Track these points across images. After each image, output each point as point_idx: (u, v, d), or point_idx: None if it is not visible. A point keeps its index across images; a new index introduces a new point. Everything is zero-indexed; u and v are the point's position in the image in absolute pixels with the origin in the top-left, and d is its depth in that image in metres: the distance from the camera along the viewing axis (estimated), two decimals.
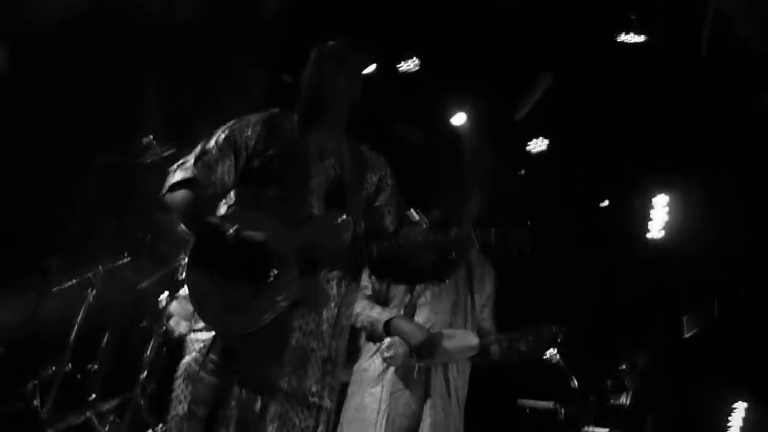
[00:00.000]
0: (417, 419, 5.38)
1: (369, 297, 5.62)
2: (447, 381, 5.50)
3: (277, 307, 3.92)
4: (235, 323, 3.89)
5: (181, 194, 4.05)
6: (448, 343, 5.42)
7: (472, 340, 5.56)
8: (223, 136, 4.15)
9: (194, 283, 3.98)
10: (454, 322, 5.58)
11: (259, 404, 3.86)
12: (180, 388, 3.97)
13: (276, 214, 4.04)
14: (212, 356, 3.90)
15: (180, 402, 3.93)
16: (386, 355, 5.46)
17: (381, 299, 5.63)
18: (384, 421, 5.33)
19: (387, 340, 5.46)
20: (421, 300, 5.57)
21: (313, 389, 3.99)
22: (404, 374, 5.43)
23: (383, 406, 5.35)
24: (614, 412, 8.26)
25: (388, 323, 5.41)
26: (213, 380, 3.87)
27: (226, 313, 3.88)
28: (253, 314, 3.88)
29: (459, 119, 9.94)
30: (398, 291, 5.62)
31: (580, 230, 9.74)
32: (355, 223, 4.15)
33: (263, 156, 4.14)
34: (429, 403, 5.41)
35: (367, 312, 5.51)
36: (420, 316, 5.51)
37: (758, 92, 8.63)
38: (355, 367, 5.66)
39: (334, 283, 4.09)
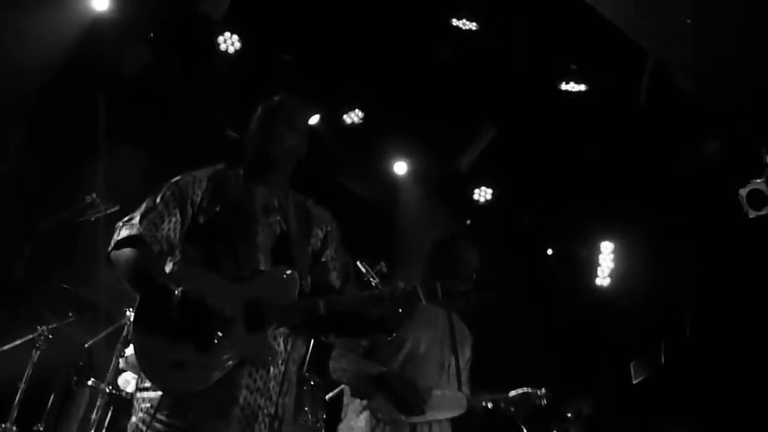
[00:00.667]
0: None
1: (357, 352, 5.57)
2: None
3: (225, 365, 3.89)
4: (182, 382, 3.84)
5: (126, 252, 4.01)
6: (437, 402, 5.40)
7: (461, 399, 5.56)
8: (168, 192, 4.13)
9: (140, 341, 3.94)
10: (438, 382, 5.56)
11: None
12: None
13: (222, 271, 4.02)
14: (159, 416, 3.85)
15: None
16: (373, 407, 5.40)
17: (365, 356, 5.59)
18: None
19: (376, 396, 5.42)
20: (407, 359, 5.53)
21: None
22: (392, 429, 5.38)
23: None
24: None
25: (379, 376, 5.37)
26: None
27: (172, 372, 3.84)
28: (199, 373, 3.84)
29: (400, 168, 10.00)
30: (385, 349, 5.57)
31: (527, 279, 9.80)
32: (302, 279, 4.14)
33: (209, 212, 4.13)
34: None
35: (354, 366, 5.45)
36: (405, 373, 5.47)
37: (697, 140, 8.76)
38: (341, 426, 5.60)
39: (281, 339, 4.07)
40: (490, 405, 5.61)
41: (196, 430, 3.83)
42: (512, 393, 5.66)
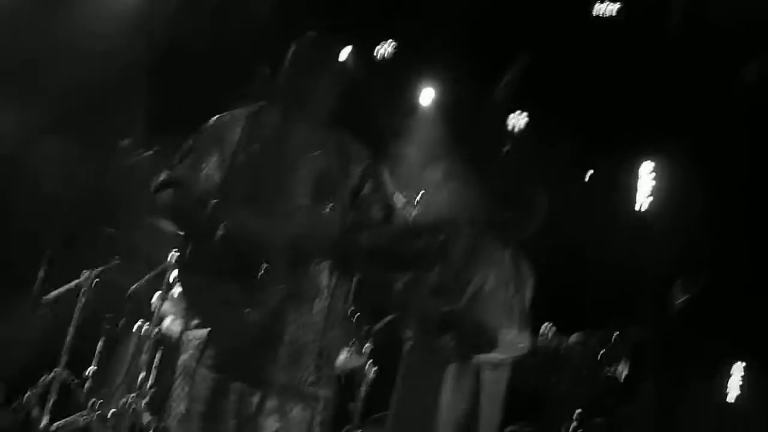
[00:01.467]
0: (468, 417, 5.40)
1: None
2: (491, 378, 5.50)
3: (269, 301, 3.93)
4: (228, 319, 3.90)
5: (167, 194, 4.04)
6: (502, 343, 5.40)
7: (525, 341, 5.56)
8: (207, 133, 4.15)
9: (186, 281, 3.99)
10: (504, 322, 5.55)
11: (256, 398, 3.87)
12: (179, 387, 3.96)
13: (263, 209, 4.05)
14: (208, 353, 3.90)
15: (180, 401, 3.93)
16: (440, 346, 5.42)
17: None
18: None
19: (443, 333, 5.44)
20: (474, 298, 5.52)
21: (309, 380, 3.99)
22: (458, 369, 5.40)
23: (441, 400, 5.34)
24: (609, 384, 8.30)
25: (445, 316, 5.38)
26: (210, 377, 3.87)
27: (218, 310, 3.88)
28: (245, 309, 3.89)
29: (427, 97, 9.99)
30: (451, 289, 5.56)
31: (567, 203, 9.77)
32: (343, 214, 4.14)
33: (248, 150, 4.14)
34: (476, 398, 5.41)
35: (420, 304, 5.46)
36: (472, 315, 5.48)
37: (751, 56, 8.67)
38: (406, 359, 5.61)
39: (324, 275, 4.09)
40: (553, 345, 5.59)
41: (245, 366, 3.87)
42: (574, 336, 5.61)
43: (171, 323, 7.81)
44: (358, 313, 7.23)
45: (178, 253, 4.09)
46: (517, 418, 8.40)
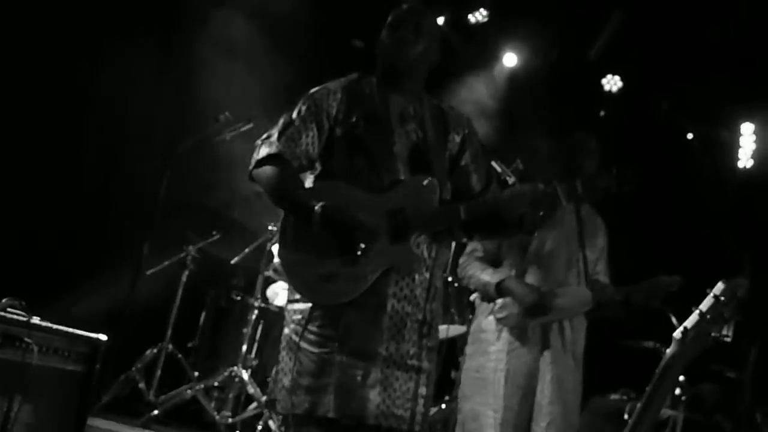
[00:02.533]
0: (535, 376, 5.38)
1: (481, 258, 5.61)
2: (563, 337, 5.46)
3: (372, 275, 3.92)
4: (331, 293, 3.90)
5: (267, 170, 4.03)
6: (561, 301, 5.37)
7: (586, 296, 5.52)
8: (304, 107, 4.11)
9: (286, 257, 4.01)
10: (566, 279, 5.52)
11: (360, 371, 3.89)
12: (284, 361, 4.00)
13: (361, 182, 4.02)
14: (311, 327, 3.92)
15: (284, 374, 3.96)
16: (499, 316, 5.44)
17: (492, 259, 5.61)
18: (503, 379, 5.32)
19: (499, 301, 5.44)
20: (533, 259, 5.53)
21: (411, 352, 3.99)
22: (519, 333, 5.40)
23: (501, 365, 5.34)
24: (717, 346, 8.17)
25: (499, 285, 5.40)
26: (314, 350, 3.90)
27: (320, 285, 3.90)
28: (347, 284, 3.88)
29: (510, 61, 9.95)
30: (510, 251, 5.59)
31: (667, 165, 9.63)
32: (442, 185, 4.12)
33: (346, 124, 4.10)
34: (547, 359, 5.39)
35: (478, 274, 5.51)
36: (531, 275, 5.47)
37: None
38: (472, 328, 5.66)
39: (424, 247, 4.08)
40: (618, 297, 5.53)
41: (348, 340, 3.88)
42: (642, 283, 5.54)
43: (273, 295, 7.90)
44: (457, 284, 7.21)
45: (279, 229, 4.10)
46: (621, 383, 8.35)
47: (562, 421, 5.37)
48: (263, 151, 4.04)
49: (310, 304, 3.92)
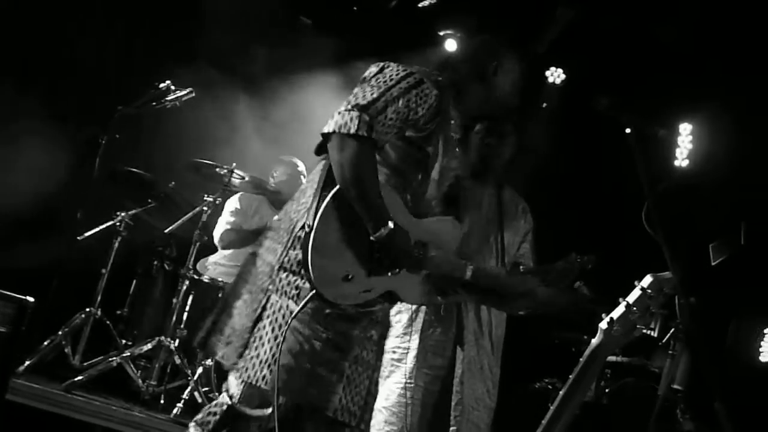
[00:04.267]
0: (448, 357, 5.40)
1: None
2: (479, 318, 5.49)
3: (378, 292, 3.98)
4: (341, 293, 3.86)
5: (355, 151, 3.79)
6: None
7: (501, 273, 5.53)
8: (404, 99, 3.94)
9: (321, 238, 3.79)
10: (483, 260, 5.55)
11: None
12: (295, 343, 3.90)
13: (403, 196, 4.04)
14: (328, 324, 3.93)
15: (296, 357, 3.89)
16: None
17: None
18: (414, 360, 5.34)
19: None
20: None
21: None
22: (434, 314, 5.42)
23: (414, 345, 5.37)
24: (642, 341, 8.28)
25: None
26: (329, 349, 3.94)
27: (338, 282, 3.83)
28: (355, 290, 3.90)
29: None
30: None
31: (605, 160, 9.73)
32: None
33: (422, 131, 4.05)
34: (462, 340, 5.41)
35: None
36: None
37: None
38: (393, 309, 5.67)
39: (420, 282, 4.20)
40: (532, 277, 5.56)
41: (351, 350, 4.00)
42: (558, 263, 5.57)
43: (203, 268, 7.87)
44: None
45: (325, 208, 3.83)
46: (543, 373, 8.43)
47: (475, 403, 5.40)
48: (355, 125, 3.80)
49: (308, 285, 3.86)
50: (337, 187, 3.81)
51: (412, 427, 5.27)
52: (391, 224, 3.80)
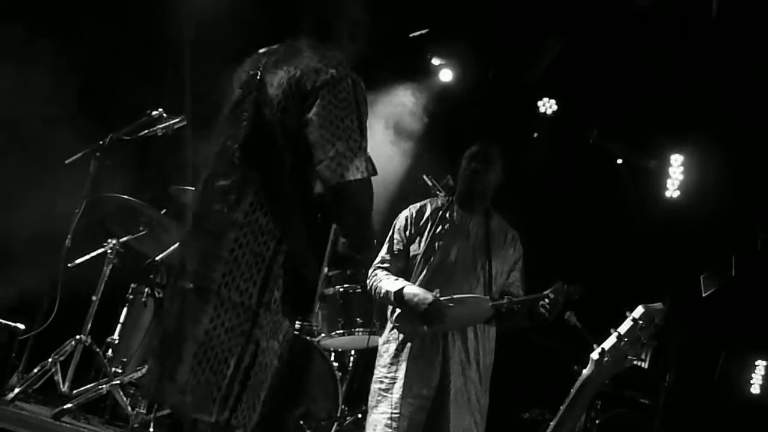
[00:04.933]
0: (434, 387, 5.39)
1: (387, 269, 5.65)
2: (466, 348, 5.49)
3: None
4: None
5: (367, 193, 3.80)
6: (458, 309, 5.40)
7: (485, 304, 5.53)
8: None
9: None
10: (470, 289, 5.54)
11: None
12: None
13: None
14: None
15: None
16: (396, 324, 5.50)
17: (402, 270, 5.65)
18: (401, 390, 5.34)
19: (398, 310, 5.49)
20: (437, 269, 5.56)
21: None
22: (420, 344, 5.43)
23: (400, 375, 5.37)
24: (633, 370, 8.27)
25: (397, 293, 5.43)
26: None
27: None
28: None
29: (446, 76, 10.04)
30: (415, 262, 5.62)
31: (595, 189, 9.76)
32: None
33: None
34: (448, 370, 5.40)
35: (382, 284, 5.55)
36: (434, 285, 5.47)
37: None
38: (380, 339, 5.68)
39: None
40: (515, 307, 5.56)
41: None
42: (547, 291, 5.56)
43: None
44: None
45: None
46: (533, 404, 8.42)
47: None
48: (364, 168, 3.74)
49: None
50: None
51: None
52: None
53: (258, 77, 3.89)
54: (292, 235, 3.74)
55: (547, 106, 10.25)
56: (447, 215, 5.69)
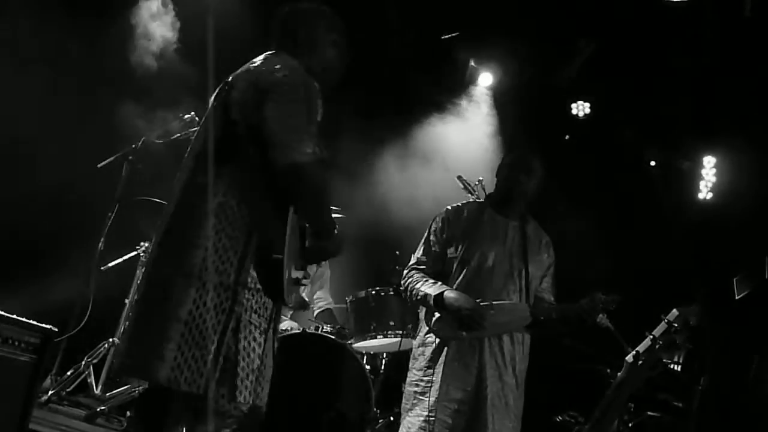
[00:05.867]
0: (470, 391, 5.39)
1: (423, 271, 5.65)
2: (502, 351, 5.49)
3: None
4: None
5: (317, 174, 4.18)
6: (498, 316, 5.40)
7: (523, 311, 5.53)
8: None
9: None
10: (507, 294, 5.54)
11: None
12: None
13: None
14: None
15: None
16: (435, 328, 5.48)
17: (438, 272, 5.64)
18: (436, 393, 5.34)
19: (437, 314, 5.48)
20: (475, 273, 5.55)
21: None
22: (457, 348, 5.42)
23: (436, 378, 5.37)
24: (666, 374, 8.22)
25: (437, 297, 5.43)
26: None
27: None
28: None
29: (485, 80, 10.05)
30: (452, 265, 5.62)
31: (628, 192, 9.72)
32: None
33: None
34: (485, 375, 5.40)
35: (419, 287, 5.54)
36: (472, 290, 5.47)
37: None
38: (415, 342, 5.68)
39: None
40: (554, 315, 5.55)
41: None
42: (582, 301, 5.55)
43: None
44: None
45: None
46: (566, 407, 8.38)
47: None
48: (312, 151, 4.11)
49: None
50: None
51: None
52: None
53: (227, 83, 4.28)
54: (262, 222, 4.09)
55: (581, 108, 10.23)
56: (484, 218, 5.69)
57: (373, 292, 7.36)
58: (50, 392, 6.48)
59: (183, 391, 3.88)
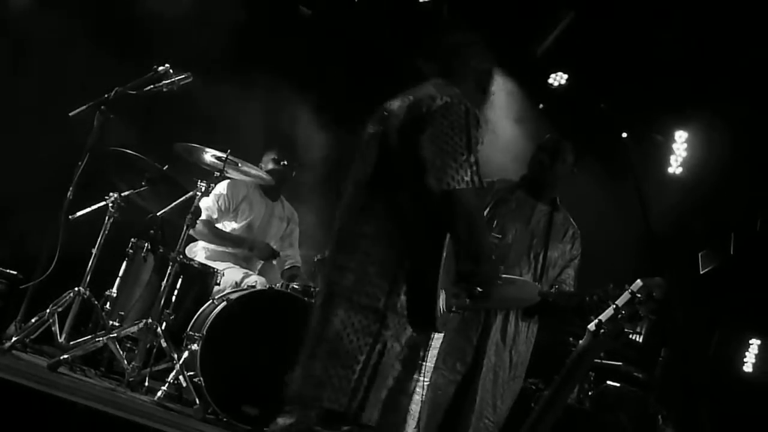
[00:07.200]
0: (467, 362, 5.44)
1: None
2: (505, 333, 5.53)
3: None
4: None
5: (473, 204, 4.32)
6: (506, 288, 5.39)
7: (533, 290, 5.56)
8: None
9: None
10: (520, 272, 5.60)
11: None
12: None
13: None
14: None
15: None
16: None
17: None
18: (433, 360, 5.37)
19: None
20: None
21: None
22: (460, 316, 5.46)
23: (436, 344, 5.39)
24: (628, 344, 8.28)
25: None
26: None
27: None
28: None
29: None
30: None
31: (600, 162, 9.74)
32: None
33: None
34: (484, 350, 5.45)
35: None
36: None
37: None
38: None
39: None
40: (562, 300, 5.58)
41: None
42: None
43: (192, 253, 7.87)
44: None
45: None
46: (528, 374, 8.45)
47: (486, 411, 5.43)
48: (469, 179, 4.24)
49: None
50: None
51: (420, 424, 5.31)
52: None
53: (387, 110, 4.44)
54: (415, 248, 4.25)
55: (558, 79, 10.22)
56: (513, 196, 5.72)
57: None
58: (14, 339, 6.45)
59: (325, 408, 4.12)
